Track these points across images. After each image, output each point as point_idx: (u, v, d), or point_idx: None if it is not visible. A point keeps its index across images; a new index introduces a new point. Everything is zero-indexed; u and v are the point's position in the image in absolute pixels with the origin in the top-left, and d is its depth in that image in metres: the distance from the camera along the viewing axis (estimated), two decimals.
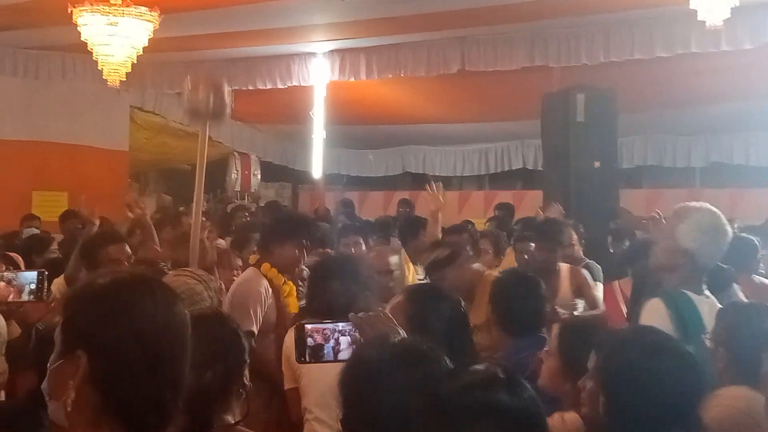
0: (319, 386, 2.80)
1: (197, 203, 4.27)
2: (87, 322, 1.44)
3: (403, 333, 2.13)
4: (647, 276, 4.58)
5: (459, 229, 6.12)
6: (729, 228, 3.42)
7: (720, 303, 3.34)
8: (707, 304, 3.29)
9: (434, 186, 5.54)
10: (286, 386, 3.07)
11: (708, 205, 3.40)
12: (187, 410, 1.88)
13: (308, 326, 2.25)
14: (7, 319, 3.69)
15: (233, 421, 2.19)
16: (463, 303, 2.78)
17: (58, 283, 4.08)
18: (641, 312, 3.36)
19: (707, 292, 3.37)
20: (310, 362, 2.24)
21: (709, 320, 3.19)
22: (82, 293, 1.52)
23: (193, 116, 4.29)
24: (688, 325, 3.20)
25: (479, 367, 1.60)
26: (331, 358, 2.13)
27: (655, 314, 3.24)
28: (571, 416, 2.34)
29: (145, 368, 1.43)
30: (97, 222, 5.36)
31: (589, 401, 1.93)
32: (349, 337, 2.21)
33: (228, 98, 4.29)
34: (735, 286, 4.37)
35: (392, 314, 2.33)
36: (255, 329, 3.69)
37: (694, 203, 3.49)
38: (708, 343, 2.91)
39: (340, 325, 2.27)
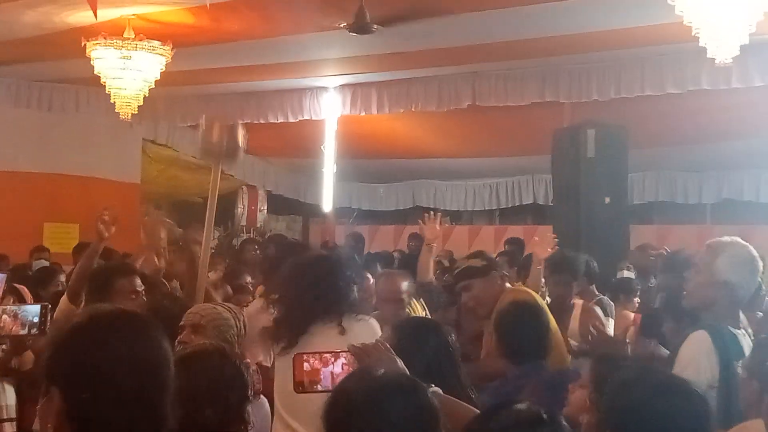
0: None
1: (207, 238, 4.30)
2: (59, 361, 1.46)
3: (400, 364, 2.14)
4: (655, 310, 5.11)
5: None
6: (760, 261, 3.49)
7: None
8: (746, 341, 3.37)
9: (431, 216, 5.46)
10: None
11: (739, 239, 3.49)
12: None
13: (305, 354, 2.28)
14: (22, 351, 3.85)
15: None
16: (452, 336, 2.75)
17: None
18: (684, 343, 3.37)
19: (743, 329, 3.45)
20: (307, 391, 2.22)
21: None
22: (61, 332, 1.54)
23: (207, 155, 4.39)
24: (731, 360, 3.23)
25: (522, 406, 1.59)
26: (328, 386, 2.09)
27: (700, 347, 3.28)
28: None
29: (116, 404, 1.44)
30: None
31: None
32: (346, 366, 2.23)
33: (242, 139, 4.31)
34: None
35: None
36: (269, 361, 3.66)
37: (726, 237, 3.58)
38: (740, 371, 2.88)
39: (340, 354, 2.30)
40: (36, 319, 3.56)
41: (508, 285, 4.66)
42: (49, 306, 3.66)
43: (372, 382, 1.73)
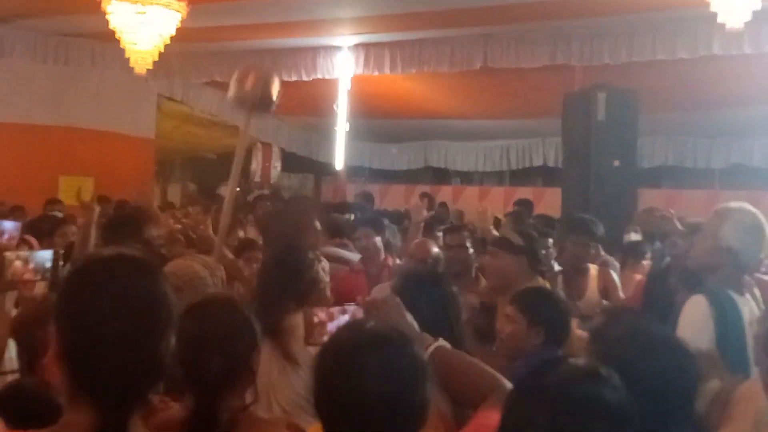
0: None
1: (231, 191, 4.25)
2: (57, 302, 1.48)
3: (409, 318, 2.14)
4: (661, 273, 4.71)
5: (458, 228, 5.78)
6: (767, 228, 3.38)
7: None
8: (748, 306, 3.29)
9: (421, 199, 5.94)
10: None
11: (747, 205, 3.40)
12: (194, 393, 1.98)
13: (315, 308, 2.35)
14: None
15: (243, 405, 2.14)
16: (456, 290, 2.72)
17: None
18: (683, 307, 3.30)
19: (748, 295, 3.37)
20: (316, 344, 2.19)
21: (749, 321, 3.23)
22: (69, 276, 1.55)
23: (240, 104, 4.24)
24: (728, 325, 3.18)
25: (578, 360, 1.60)
26: None
27: (697, 311, 3.23)
28: None
29: (108, 346, 1.45)
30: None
31: None
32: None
33: (276, 91, 4.17)
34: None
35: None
36: None
37: (733, 203, 3.48)
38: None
39: (349, 308, 2.34)
40: (48, 265, 3.41)
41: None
42: (61, 252, 3.55)
43: (359, 334, 1.68)
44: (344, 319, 2.30)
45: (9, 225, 4.79)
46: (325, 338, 2.15)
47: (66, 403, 1.48)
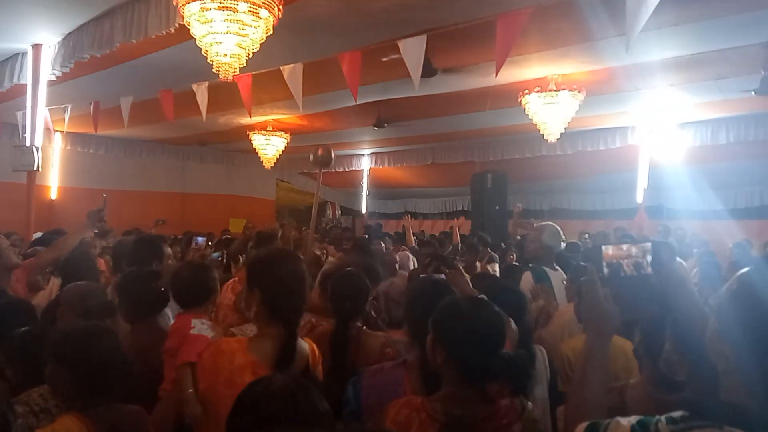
0: None
1: (313, 221, 5.10)
2: (256, 274, 2.08)
3: (469, 284, 2.80)
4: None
5: (427, 243, 8.81)
6: (562, 234, 4.58)
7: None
8: (555, 273, 4.34)
9: (406, 217, 8.64)
10: None
11: (552, 223, 4.71)
12: (337, 318, 2.80)
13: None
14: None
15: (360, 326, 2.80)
16: None
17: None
18: (520, 279, 4.28)
19: (557, 267, 4.42)
20: None
21: (555, 284, 4.22)
22: (254, 258, 2.16)
23: (314, 163, 4.90)
24: (542, 283, 4.19)
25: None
26: None
27: (526, 279, 4.30)
28: None
29: (286, 295, 2.03)
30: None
31: (431, 353, 1.86)
32: None
33: (332, 157, 4.94)
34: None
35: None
36: None
37: (546, 222, 4.75)
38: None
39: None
40: (218, 256, 4.85)
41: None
42: (225, 252, 4.99)
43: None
44: None
45: (200, 240, 6.53)
46: None
47: (261, 324, 2.08)
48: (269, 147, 11.21)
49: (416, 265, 5.86)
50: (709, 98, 8.51)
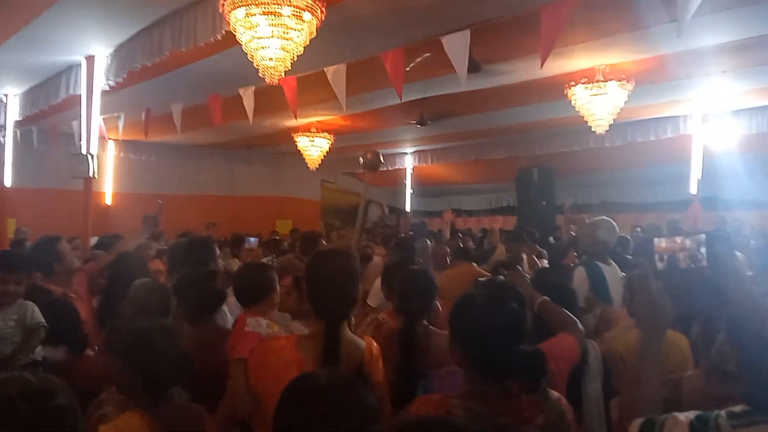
0: None
1: (359, 221, 5.29)
2: (305, 274, 2.22)
3: (530, 286, 2.77)
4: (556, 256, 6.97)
5: (469, 234, 9.40)
6: (617, 228, 4.48)
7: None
8: (609, 269, 4.25)
9: (445, 213, 8.24)
10: None
11: (606, 218, 4.55)
12: (403, 316, 2.77)
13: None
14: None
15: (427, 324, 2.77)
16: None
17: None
18: (574, 272, 4.19)
19: (611, 261, 4.33)
20: None
21: (610, 279, 4.11)
22: (310, 257, 2.25)
23: (365, 167, 5.15)
24: (597, 280, 4.05)
25: None
26: None
27: (579, 275, 4.15)
28: None
29: (328, 294, 2.12)
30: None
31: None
32: None
33: (381, 159, 5.24)
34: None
35: None
36: None
37: (602, 217, 4.59)
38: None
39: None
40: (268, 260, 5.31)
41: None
42: (274, 256, 5.39)
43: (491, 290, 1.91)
44: None
45: (252, 240, 7.12)
46: None
47: (311, 322, 2.20)
48: (313, 148, 11.37)
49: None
50: (764, 84, 8.28)
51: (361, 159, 5.02)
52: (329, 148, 11.50)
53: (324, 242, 6.13)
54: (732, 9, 5.43)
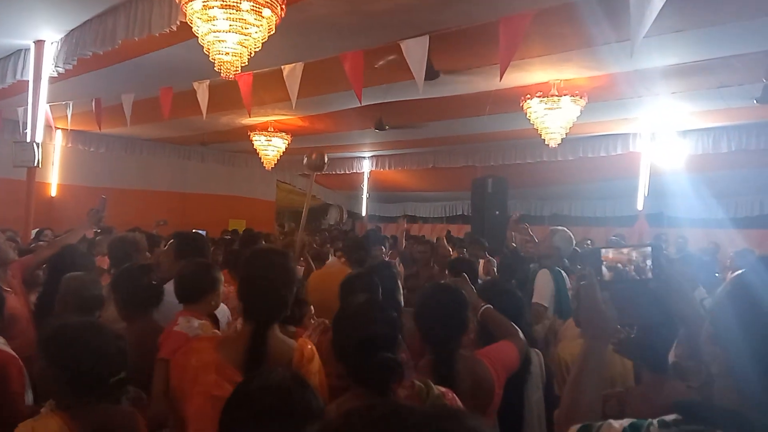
0: None
1: (303, 219, 5.30)
2: (237, 273, 2.51)
3: (474, 293, 2.86)
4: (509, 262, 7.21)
5: (424, 242, 8.31)
6: (574, 239, 4.76)
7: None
8: (563, 276, 4.52)
9: (400, 221, 8.31)
10: None
11: (564, 228, 4.85)
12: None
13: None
14: None
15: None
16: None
17: None
18: (536, 276, 4.32)
19: (562, 271, 4.58)
20: None
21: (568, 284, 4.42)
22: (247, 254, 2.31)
23: (308, 167, 5.16)
24: (560, 285, 4.24)
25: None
26: None
27: (546, 277, 4.33)
28: None
29: (256, 294, 2.11)
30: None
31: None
32: None
33: (326, 160, 5.14)
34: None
35: None
36: None
37: (558, 227, 4.86)
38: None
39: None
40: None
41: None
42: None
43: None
44: None
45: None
46: None
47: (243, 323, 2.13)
48: (270, 148, 11.28)
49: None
50: (710, 106, 8.54)
51: (305, 159, 5.01)
52: (286, 149, 11.42)
53: (265, 242, 6.17)
54: (681, 31, 5.58)
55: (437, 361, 2.26)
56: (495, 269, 6.37)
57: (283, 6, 4.88)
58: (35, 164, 7.11)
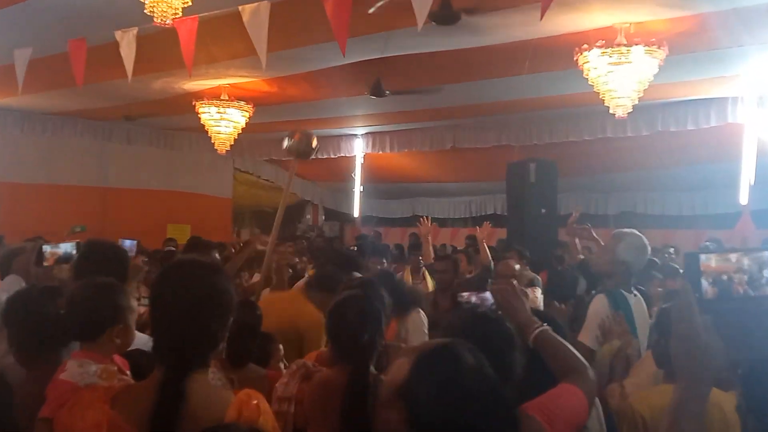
0: None
1: (276, 224, 5.44)
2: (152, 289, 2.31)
3: (527, 307, 2.76)
4: (560, 280, 7.47)
5: (446, 257, 7.77)
6: (649, 246, 4.53)
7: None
8: (635, 299, 4.38)
9: (423, 219, 8.03)
10: None
11: (636, 231, 4.55)
12: (349, 363, 2.92)
13: (463, 293, 3.42)
14: None
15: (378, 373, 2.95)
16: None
17: None
18: (590, 302, 4.36)
19: (635, 291, 4.45)
20: None
21: (636, 310, 4.28)
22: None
23: (290, 153, 5.28)
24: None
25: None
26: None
27: (597, 305, 4.29)
28: None
29: (166, 327, 2.17)
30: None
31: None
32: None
33: (314, 144, 5.27)
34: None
35: None
36: None
37: (627, 229, 4.63)
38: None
39: (484, 295, 3.19)
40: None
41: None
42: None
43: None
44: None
45: (128, 243, 7.38)
46: None
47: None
48: (223, 123, 11.16)
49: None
50: None
51: (285, 141, 5.08)
52: (246, 124, 11.29)
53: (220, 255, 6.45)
54: None
55: None
56: (539, 293, 6.60)
57: None
58: None
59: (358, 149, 14.64)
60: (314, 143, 5.21)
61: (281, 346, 4.02)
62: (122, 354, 2.97)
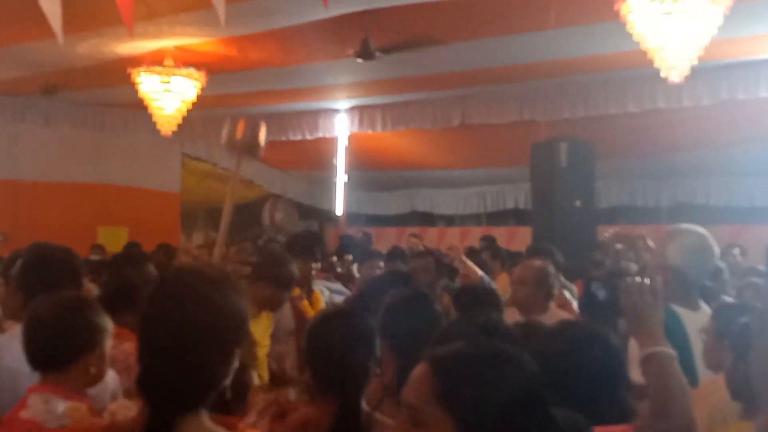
0: None
1: (223, 233, 5.47)
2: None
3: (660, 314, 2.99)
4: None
5: (424, 254, 8.30)
6: (716, 247, 4.34)
7: None
8: (696, 318, 4.19)
9: (453, 245, 8.29)
10: None
11: (696, 227, 4.41)
12: (337, 397, 2.96)
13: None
14: None
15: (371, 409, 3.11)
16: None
17: None
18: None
19: (703, 304, 4.37)
20: None
21: (694, 329, 4.06)
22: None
23: (230, 148, 5.25)
24: (670, 335, 3.61)
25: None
26: None
27: None
28: None
29: (156, 355, 2.14)
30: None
31: None
32: None
33: (262, 137, 5.17)
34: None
35: None
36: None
37: (684, 225, 4.53)
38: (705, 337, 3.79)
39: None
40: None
41: None
42: None
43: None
44: None
45: None
46: None
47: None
48: (169, 96, 11.11)
49: None
50: None
51: (225, 130, 5.03)
52: (197, 97, 11.25)
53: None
54: None
55: None
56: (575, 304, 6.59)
57: None
58: None
59: (341, 128, 14.50)
60: (261, 135, 5.14)
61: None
62: None
